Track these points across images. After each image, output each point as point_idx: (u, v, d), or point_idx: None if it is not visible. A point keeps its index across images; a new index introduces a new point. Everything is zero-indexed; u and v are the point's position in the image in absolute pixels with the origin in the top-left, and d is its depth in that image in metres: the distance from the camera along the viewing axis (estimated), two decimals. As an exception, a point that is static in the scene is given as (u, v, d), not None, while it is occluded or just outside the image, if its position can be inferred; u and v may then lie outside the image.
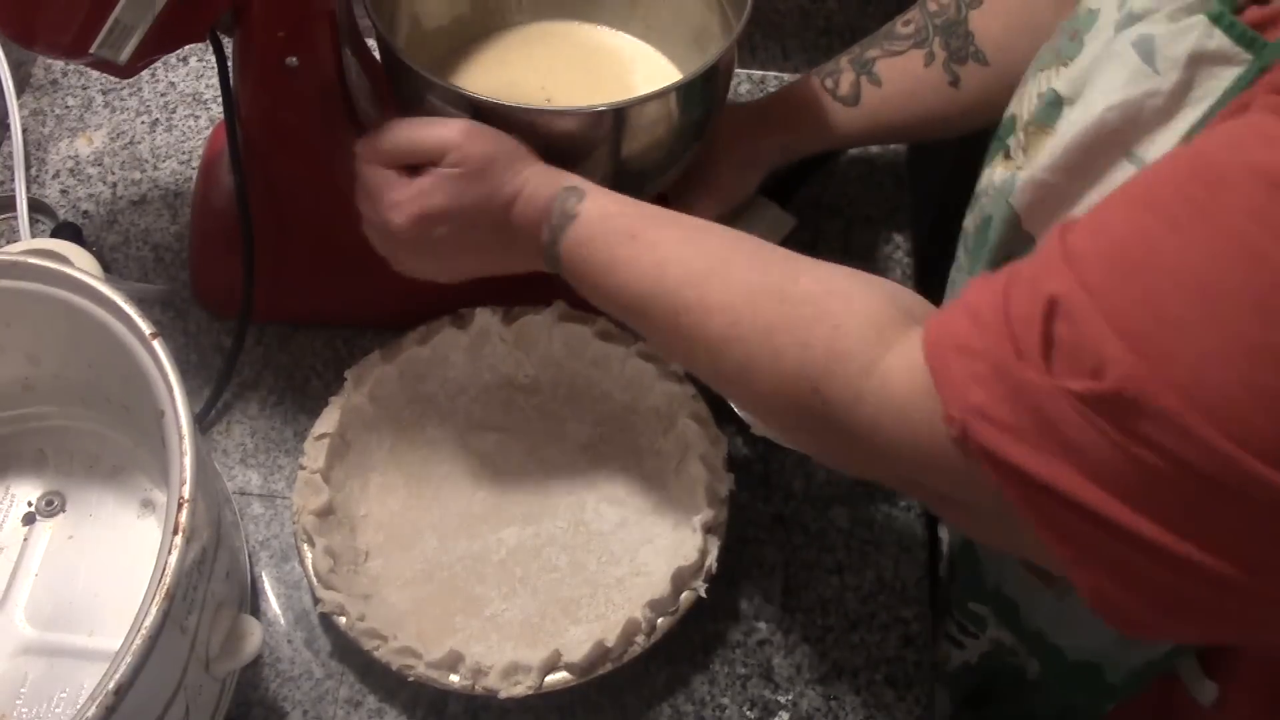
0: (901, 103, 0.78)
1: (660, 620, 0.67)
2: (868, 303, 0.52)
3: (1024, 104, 0.61)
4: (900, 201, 0.91)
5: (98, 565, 0.70)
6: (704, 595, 0.68)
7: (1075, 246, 0.43)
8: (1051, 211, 0.55)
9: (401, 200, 0.63)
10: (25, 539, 0.71)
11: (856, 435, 0.50)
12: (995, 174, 0.61)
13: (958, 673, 0.78)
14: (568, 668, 0.66)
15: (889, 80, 0.77)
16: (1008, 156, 0.59)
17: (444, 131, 0.63)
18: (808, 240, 0.88)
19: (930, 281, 0.89)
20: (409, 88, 0.69)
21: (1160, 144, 0.49)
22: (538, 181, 0.63)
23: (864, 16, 0.96)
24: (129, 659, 0.50)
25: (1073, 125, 0.53)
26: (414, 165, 0.64)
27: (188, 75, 0.96)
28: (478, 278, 0.68)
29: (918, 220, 0.91)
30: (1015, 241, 0.58)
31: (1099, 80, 0.52)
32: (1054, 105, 0.56)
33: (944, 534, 0.86)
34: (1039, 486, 0.42)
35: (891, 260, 0.88)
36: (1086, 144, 0.52)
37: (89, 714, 0.49)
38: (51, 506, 0.72)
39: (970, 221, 0.66)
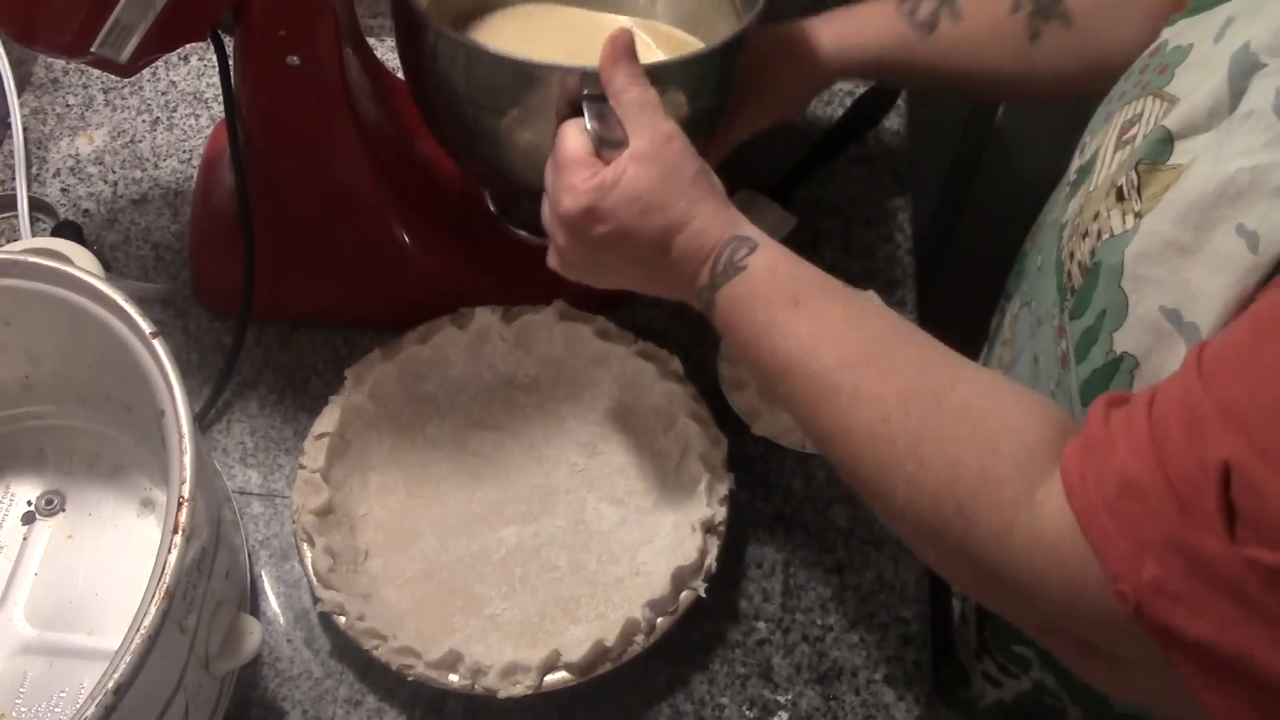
0: (975, 47, 0.75)
1: (660, 620, 0.67)
2: (1026, 424, 0.49)
3: (1110, 137, 0.58)
4: (900, 201, 0.91)
5: (97, 564, 0.70)
6: (703, 595, 0.68)
7: (1232, 398, 0.40)
8: (1153, 271, 0.52)
9: (579, 186, 0.60)
10: (25, 538, 0.71)
11: (999, 567, 0.48)
12: (1110, 218, 0.56)
13: (991, 709, 0.77)
14: (567, 667, 0.66)
15: (970, 16, 0.75)
16: (1120, 198, 0.55)
17: (662, 121, 0.60)
18: (807, 240, 0.88)
19: (930, 281, 0.89)
20: (412, 29, 0.69)
21: (1275, 219, 0.46)
22: (709, 220, 0.60)
23: (864, 16, 0.96)
24: (128, 658, 0.50)
25: (1203, 180, 0.49)
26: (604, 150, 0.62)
27: (189, 74, 0.96)
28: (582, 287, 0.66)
29: (918, 220, 0.91)
30: (1110, 295, 0.55)
31: (1236, 136, 0.48)
32: (1164, 142, 0.53)
33: None
34: (1225, 662, 0.40)
35: (892, 260, 0.88)
36: (1209, 202, 0.49)
37: (88, 713, 0.49)
38: (51, 505, 0.72)
39: (1040, 259, 0.64)
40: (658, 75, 0.63)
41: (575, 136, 0.61)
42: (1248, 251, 0.46)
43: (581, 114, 0.62)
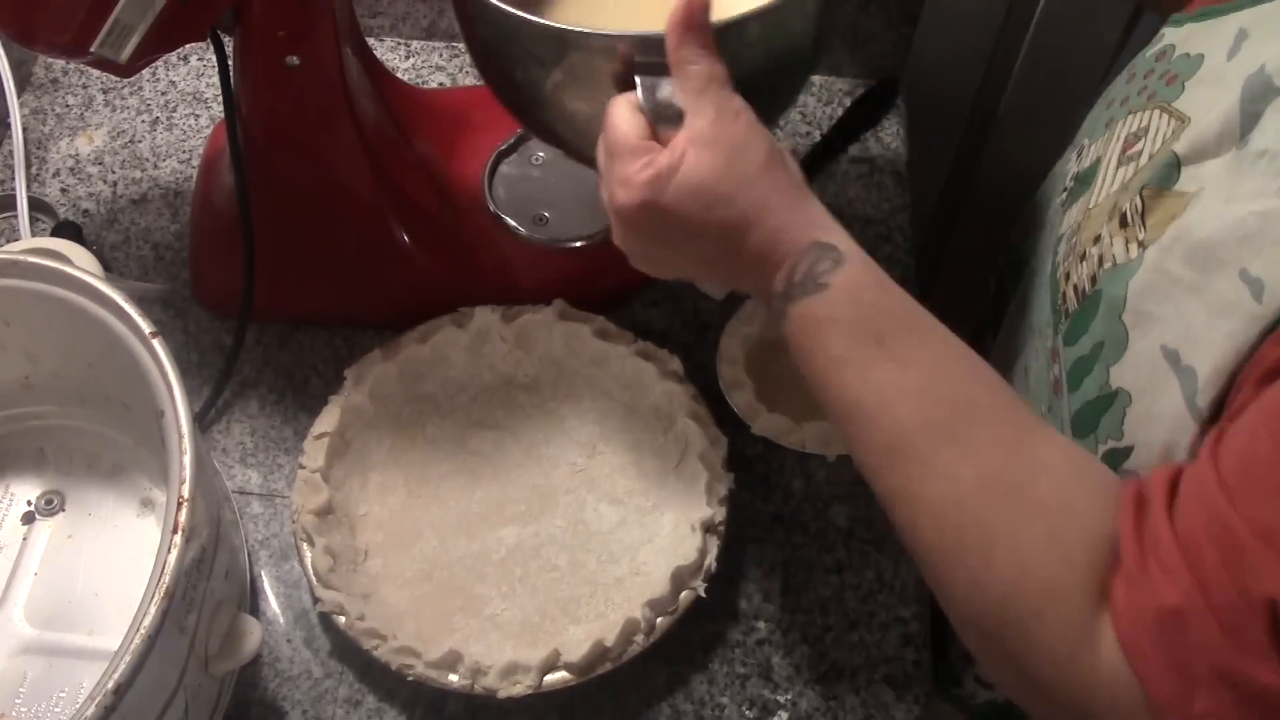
0: None
1: (659, 620, 0.67)
2: (1101, 527, 0.45)
3: (1113, 148, 0.57)
4: (900, 201, 0.91)
5: (97, 564, 0.70)
6: (703, 595, 0.68)
7: (1268, 523, 0.39)
8: (1159, 308, 0.49)
9: (633, 178, 0.53)
10: (25, 538, 0.71)
11: (1052, 688, 0.45)
12: (1113, 245, 0.54)
13: (984, 707, 0.76)
14: (567, 667, 0.66)
15: None
16: (1124, 224, 0.53)
17: (727, 97, 0.53)
18: (808, 240, 0.87)
19: (930, 282, 0.89)
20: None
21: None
22: (785, 218, 0.53)
23: (864, 16, 0.96)
24: (128, 658, 0.50)
25: (1212, 219, 0.47)
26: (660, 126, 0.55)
27: (188, 74, 0.96)
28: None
29: (917, 220, 0.91)
30: (1109, 328, 0.52)
31: (1248, 178, 0.46)
32: (1172, 167, 0.51)
33: None
34: None
35: (892, 260, 0.88)
36: (1215, 244, 0.47)
37: (88, 713, 0.49)
38: (51, 506, 0.72)
39: (1034, 263, 0.62)
40: (728, 33, 0.55)
41: (625, 117, 0.54)
42: (1251, 299, 0.45)
43: (634, 86, 0.55)
